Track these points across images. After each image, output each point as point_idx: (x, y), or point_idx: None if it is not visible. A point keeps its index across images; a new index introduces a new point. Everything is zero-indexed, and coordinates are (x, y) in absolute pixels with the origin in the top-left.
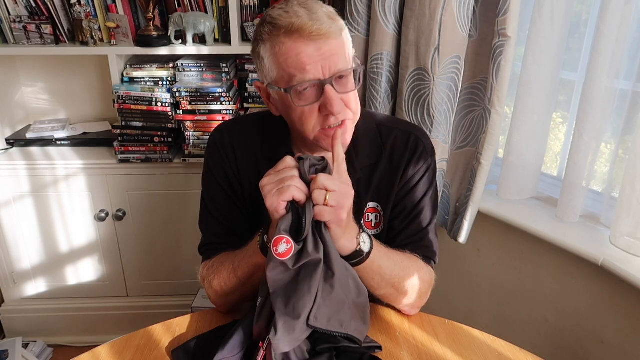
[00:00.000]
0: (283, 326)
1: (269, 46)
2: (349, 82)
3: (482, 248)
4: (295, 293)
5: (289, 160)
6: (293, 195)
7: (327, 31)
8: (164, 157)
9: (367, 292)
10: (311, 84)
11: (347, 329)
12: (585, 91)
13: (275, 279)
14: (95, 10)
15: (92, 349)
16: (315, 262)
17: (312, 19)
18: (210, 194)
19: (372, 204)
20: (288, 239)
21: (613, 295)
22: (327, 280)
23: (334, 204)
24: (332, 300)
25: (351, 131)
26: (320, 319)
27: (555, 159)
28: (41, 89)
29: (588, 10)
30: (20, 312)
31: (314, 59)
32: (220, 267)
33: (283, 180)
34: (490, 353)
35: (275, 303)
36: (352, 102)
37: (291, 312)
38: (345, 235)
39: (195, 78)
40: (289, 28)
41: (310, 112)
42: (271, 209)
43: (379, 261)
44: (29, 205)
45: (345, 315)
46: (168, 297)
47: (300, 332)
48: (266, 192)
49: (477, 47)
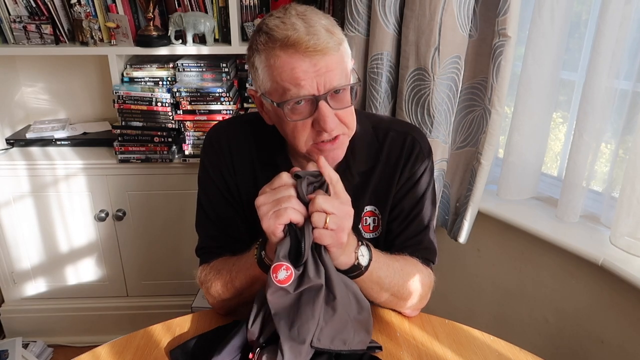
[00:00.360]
0: (289, 350)
1: (264, 57)
2: (344, 97)
3: (482, 248)
4: (298, 317)
5: (285, 178)
6: (290, 218)
7: (324, 47)
8: (163, 157)
9: (369, 305)
10: (305, 99)
11: (350, 345)
12: (585, 91)
13: (276, 302)
14: (95, 10)
15: (92, 349)
16: (318, 287)
17: (309, 32)
18: (206, 195)
19: (369, 208)
20: (288, 265)
21: (613, 295)
22: (328, 303)
23: (334, 227)
24: (334, 322)
25: (344, 146)
26: (323, 340)
27: (555, 159)
28: (41, 89)
29: (588, 10)
30: (20, 312)
31: (309, 74)
32: (218, 275)
33: (279, 201)
34: (490, 353)
35: (278, 325)
36: (348, 117)
37: (296, 337)
38: (344, 252)
39: (195, 78)
40: (285, 41)
41: (303, 127)
42: (268, 231)
43: (378, 272)
44: (29, 205)
45: (348, 333)
46: (168, 297)
47: (305, 356)
48: (262, 213)
49: (477, 47)
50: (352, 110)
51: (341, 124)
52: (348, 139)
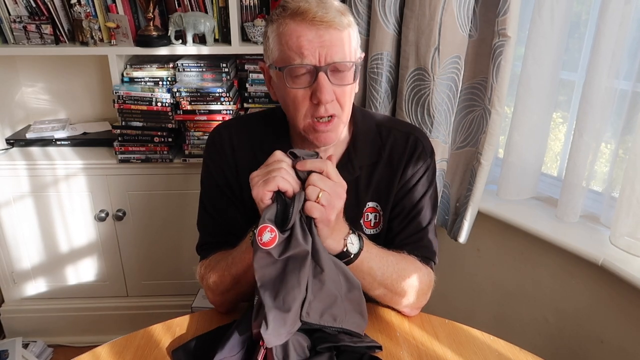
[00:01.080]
0: (273, 320)
1: (275, 26)
2: (345, 76)
3: (482, 248)
4: (284, 286)
5: (278, 154)
6: (278, 185)
7: (331, 20)
8: (164, 157)
9: (360, 284)
10: (306, 68)
11: (342, 323)
12: (585, 91)
13: (262, 272)
14: (95, 10)
15: (92, 349)
16: (303, 255)
17: (319, 6)
18: (208, 194)
19: (371, 204)
20: (272, 227)
21: (613, 295)
22: (316, 276)
23: (325, 203)
24: (323, 295)
25: (338, 131)
26: (312, 314)
27: (555, 159)
28: (41, 89)
29: (588, 10)
30: (20, 312)
31: (313, 44)
32: (216, 266)
33: (270, 171)
34: (490, 353)
35: (263, 297)
36: (345, 98)
37: (281, 305)
38: (333, 235)
39: (195, 78)
40: (295, 10)
41: (302, 98)
42: (256, 198)
43: (369, 262)
44: (29, 205)
45: (338, 309)
46: (168, 297)
47: (291, 326)
48: (253, 183)
49: (477, 47)
50: (350, 92)
51: (337, 103)
52: (342, 126)
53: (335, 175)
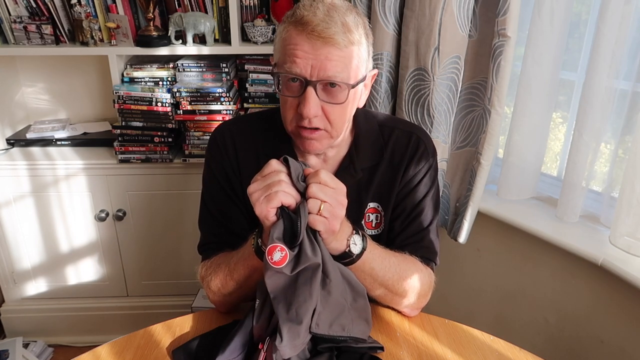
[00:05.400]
0: (288, 332)
1: (282, 29)
2: (338, 94)
3: (482, 248)
4: (296, 298)
5: (274, 164)
6: (282, 201)
7: (329, 36)
8: (164, 157)
9: (365, 292)
10: (298, 78)
11: (349, 332)
12: (585, 91)
13: (274, 285)
14: (95, 11)
15: (92, 349)
16: (314, 267)
17: (323, 20)
18: (210, 193)
19: (372, 204)
20: (282, 246)
21: (613, 295)
22: (324, 287)
23: (327, 215)
24: (331, 306)
25: (324, 143)
26: (321, 325)
27: (555, 159)
28: (41, 89)
29: (588, 10)
30: (20, 312)
31: (308, 56)
32: (217, 269)
33: (270, 185)
34: (490, 353)
35: (276, 308)
36: (334, 114)
37: (294, 318)
38: (337, 238)
39: (195, 78)
40: (299, 19)
41: (290, 106)
42: (261, 216)
43: (371, 263)
44: (29, 205)
45: (346, 319)
46: (168, 297)
47: (304, 337)
48: (254, 199)
49: (477, 47)
50: (343, 110)
51: (324, 118)
52: (330, 138)
53: (332, 181)
